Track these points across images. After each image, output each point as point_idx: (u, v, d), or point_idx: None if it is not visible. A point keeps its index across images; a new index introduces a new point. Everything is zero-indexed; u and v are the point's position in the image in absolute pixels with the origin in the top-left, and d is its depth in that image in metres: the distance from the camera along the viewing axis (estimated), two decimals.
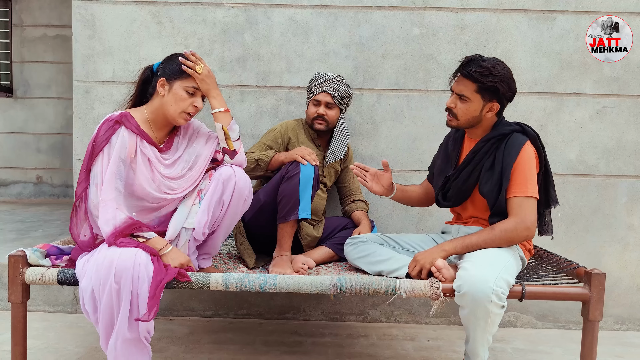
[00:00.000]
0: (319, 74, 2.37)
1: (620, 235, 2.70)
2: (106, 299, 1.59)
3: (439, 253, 1.79)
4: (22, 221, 4.08)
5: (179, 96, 1.80)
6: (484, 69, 1.79)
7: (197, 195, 1.86)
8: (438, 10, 2.63)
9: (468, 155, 1.91)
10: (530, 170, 1.79)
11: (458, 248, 1.80)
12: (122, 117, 1.76)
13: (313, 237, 2.31)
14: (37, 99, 5.45)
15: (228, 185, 1.83)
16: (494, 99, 1.83)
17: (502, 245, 1.77)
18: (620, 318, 2.73)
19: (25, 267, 1.74)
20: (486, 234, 1.78)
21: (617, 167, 2.68)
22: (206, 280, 1.71)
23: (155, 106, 1.83)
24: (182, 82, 1.81)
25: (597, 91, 2.66)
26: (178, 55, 1.85)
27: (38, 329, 2.43)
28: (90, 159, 1.72)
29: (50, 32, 5.39)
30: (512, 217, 1.78)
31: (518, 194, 1.78)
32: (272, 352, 2.28)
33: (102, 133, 1.73)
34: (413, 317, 2.71)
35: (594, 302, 1.70)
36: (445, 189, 2.01)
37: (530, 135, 1.86)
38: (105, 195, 1.68)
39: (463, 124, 1.89)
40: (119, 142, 1.73)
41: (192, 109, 1.83)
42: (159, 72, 1.84)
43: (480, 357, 1.75)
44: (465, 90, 1.83)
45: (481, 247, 1.77)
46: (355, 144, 2.68)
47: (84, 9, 2.62)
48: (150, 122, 1.84)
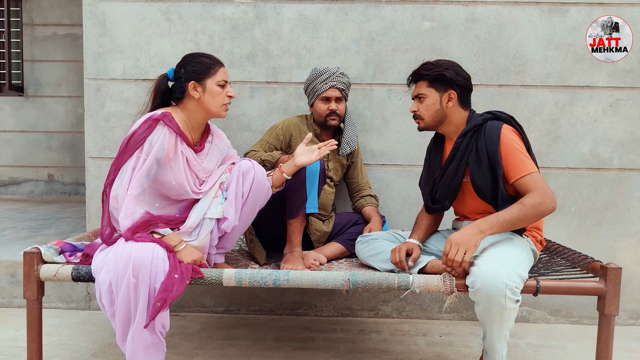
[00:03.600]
0: (319, 70, 2.35)
1: (634, 229, 2.67)
2: (124, 293, 1.60)
3: (478, 235, 1.69)
4: (34, 219, 4.11)
5: (215, 92, 1.87)
6: (427, 64, 1.93)
7: (219, 187, 1.92)
8: (448, 4, 2.61)
9: (450, 153, 1.91)
10: (519, 148, 1.79)
11: (494, 228, 1.71)
12: (163, 117, 1.79)
13: (323, 232, 2.31)
14: (48, 98, 5.49)
15: (247, 177, 1.90)
16: (448, 88, 1.90)
17: (533, 220, 1.73)
18: (635, 313, 2.70)
19: (40, 264, 1.76)
20: (517, 210, 1.71)
21: (631, 160, 2.65)
22: (219, 276, 1.71)
23: (191, 109, 1.88)
24: (212, 78, 1.87)
25: (610, 84, 2.63)
26: (193, 56, 1.90)
27: (52, 326, 2.45)
28: (123, 155, 1.74)
29: (60, 30, 5.43)
30: (534, 192, 1.73)
31: (521, 174, 1.76)
32: (284, 347, 2.29)
33: (142, 131, 1.75)
34: (425, 313, 2.70)
35: (610, 297, 1.68)
36: (432, 192, 2.00)
37: (504, 119, 1.88)
38: (132, 191, 1.72)
39: (430, 122, 1.95)
40: (159, 142, 1.76)
41: (228, 99, 1.92)
42: (182, 77, 1.87)
43: (498, 353, 1.73)
44: (420, 90, 1.94)
45: (515, 225, 1.72)
46: (366, 139, 2.67)
47: (94, 7, 2.62)
48: (187, 123, 1.89)
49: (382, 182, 2.68)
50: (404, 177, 2.68)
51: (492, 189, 1.82)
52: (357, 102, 2.65)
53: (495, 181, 1.81)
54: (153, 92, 1.91)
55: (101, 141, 2.67)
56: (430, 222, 2.07)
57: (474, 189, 1.87)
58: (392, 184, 2.68)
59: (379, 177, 2.68)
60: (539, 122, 2.62)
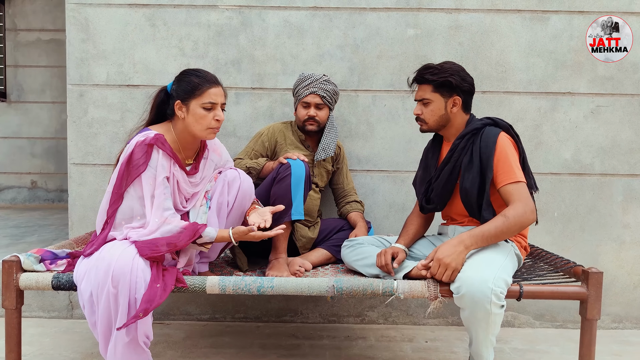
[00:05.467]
0: (304, 75, 2.36)
1: (616, 234, 2.71)
2: (104, 304, 1.59)
3: (463, 252, 1.69)
4: (16, 226, 4.05)
5: (199, 115, 1.79)
6: (433, 69, 1.91)
7: (203, 196, 1.90)
8: (432, 11, 2.63)
9: (447, 154, 1.94)
10: (512, 157, 1.81)
11: (479, 242, 1.72)
12: (156, 141, 1.74)
13: (308, 239, 2.30)
14: (31, 104, 5.42)
15: (233, 186, 1.89)
16: (453, 93, 1.91)
17: (516, 232, 1.75)
18: (618, 316, 2.73)
19: (20, 273, 1.73)
20: (501, 222, 1.72)
21: (612, 165, 2.69)
22: (202, 284, 1.70)
23: (179, 128, 1.84)
24: (197, 100, 1.79)
25: (591, 90, 2.67)
26: (186, 74, 1.84)
27: (33, 335, 2.41)
28: (126, 180, 1.71)
29: (44, 36, 5.37)
30: (516, 202, 1.75)
31: (509, 181, 1.78)
32: (270, 355, 2.27)
33: (139, 156, 1.71)
34: (411, 319, 2.70)
35: (592, 301, 1.69)
36: (428, 192, 2.02)
37: (503, 126, 1.90)
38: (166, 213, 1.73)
39: (433, 126, 1.96)
40: (159, 165, 1.74)
41: (215, 123, 1.82)
42: (173, 93, 1.83)
43: (485, 358, 1.73)
44: (424, 94, 1.94)
45: (499, 238, 1.74)
46: (351, 145, 2.68)
47: (77, 12, 2.60)
48: (178, 142, 1.85)
49: (367, 188, 2.69)
50: (390, 182, 2.69)
51: (479, 193, 1.83)
52: (342, 109, 2.66)
53: (482, 185, 1.83)
54: (151, 105, 1.88)
55: (84, 147, 2.64)
56: (418, 227, 2.08)
57: (460, 191, 1.88)
58: (377, 190, 2.69)
59: (365, 183, 2.69)
60: (521, 128, 2.65)
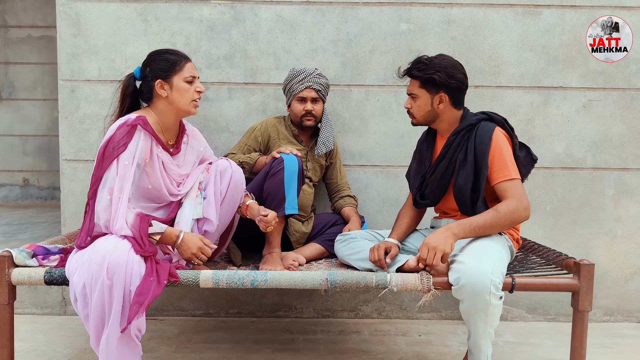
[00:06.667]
0: (297, 70, 2.36)
1: (607, 227, 2.72)
2: (98, 295, 1.58)
3: (451, 238, 1.70)
4: (8, 224, 4.02)
5: (183, 88, 1.84)
6: (421, 64, 1.90)
7: (197, 188, 1.92)
8: (425, 6, 2.64)
9: (442, 150, 1.93)
10: (507, 153, 1.82)
11: (467, 232, 1.73)
12: (139, 121, 1.76)
13: (302, 233, 2.31)
14: (22, 101, 5.38)
15: (225, 175, 1.91)
16: (440, 90, 1.89)
17: (506, 227, 1.76)
18: (609, 309, 2.75)
19: (12, 268, 1.72)
20: (491, 216, 1.74)
21: (603, 159, 2.70)
22: (196, 278, 1.70)
23: (161, 109, 1.86)
24: (179, 75, 1.84)
25: (583, 85, 2.68)
26: (158, 53, 1.87)
27: (26, 332, 2.40)
28: (102, 163, 1.70)
29: (35, 32, 5.32)
30: (510, 198, 1.76)
31: (504, 178, 1.79)
32: (264, 350, 2.27)
33: (119, 138, 1.71)
34: (405, 313, 2.71)
35: (584, 293, 1.71)
36: (422, 187, 2.02)
37: (498, 121, 1.90)
38: (124, 199, 1.70)
39: (421, 120, 1.98)
40: (139, 147, 1.75)
41: (197, 95, 1.88)
42: (148, 76, 1.84)
43: (483, 352, 1.73)
44: (413, 89, 1.95)
45: (487, 231, 1.74)
46: (344, 140, 2.68)
47: (68, 7, 2.58)
48: (160, 124, 1.87)
49: (361, 183, 2.69)
50: (383, 177, 2.69)
51: (472, 189, 1.83)
52: (336, 103, 2.66)
53: (476, 182, 1.83)
54: (121, 93, 1.88)
55: (76, 143, 2.62)
56: (410, 221, 2.09)
57: (453, 187, 1.88)
58: (371, 185, 2.69)
59: (358, 178, 2.69)
60: (514, 122, 2.65)
